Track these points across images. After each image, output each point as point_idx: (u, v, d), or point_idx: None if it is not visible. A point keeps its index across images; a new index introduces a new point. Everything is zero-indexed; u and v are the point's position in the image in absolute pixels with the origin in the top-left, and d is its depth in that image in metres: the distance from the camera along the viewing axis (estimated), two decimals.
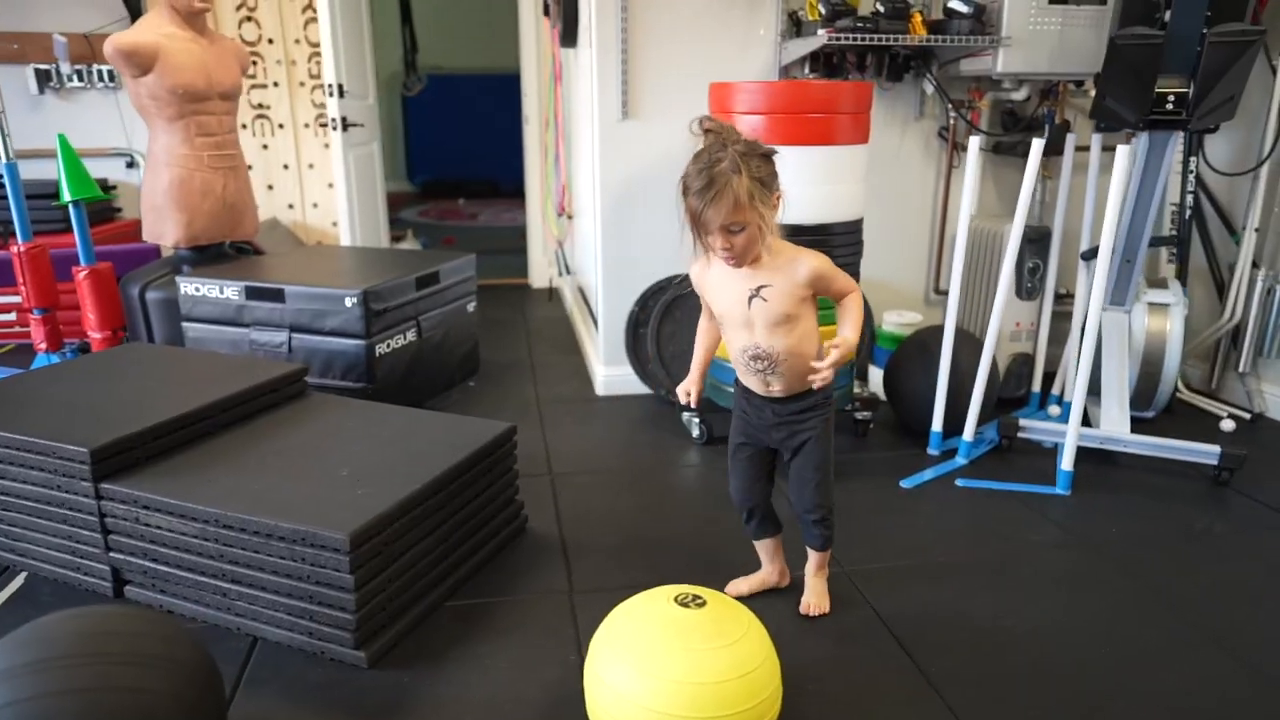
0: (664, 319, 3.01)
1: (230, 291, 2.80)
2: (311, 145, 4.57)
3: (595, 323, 3.29)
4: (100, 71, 4.26)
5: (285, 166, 4.55)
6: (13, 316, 3.85)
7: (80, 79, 4.26)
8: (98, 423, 1.87)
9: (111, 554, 1.82)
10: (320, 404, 2.25)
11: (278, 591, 1.65)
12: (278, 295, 2.74)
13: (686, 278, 2.95)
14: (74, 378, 2.20)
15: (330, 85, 3.79)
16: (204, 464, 1.86)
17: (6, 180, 3.03)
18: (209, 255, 3.33)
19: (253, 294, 2.77)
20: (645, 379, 3.10)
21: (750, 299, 1.61)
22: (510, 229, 6.66)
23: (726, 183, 1.46)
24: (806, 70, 2.92)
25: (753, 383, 1.70)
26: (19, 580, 1.94)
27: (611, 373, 3.16)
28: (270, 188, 4.58)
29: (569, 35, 3.37)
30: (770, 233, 1.54)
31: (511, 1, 4.78)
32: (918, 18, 2.71)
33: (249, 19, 4.35)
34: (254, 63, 4.39)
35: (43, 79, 4.23)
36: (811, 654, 1.68)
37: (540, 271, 5.02)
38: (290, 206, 4.64)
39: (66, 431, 1.82)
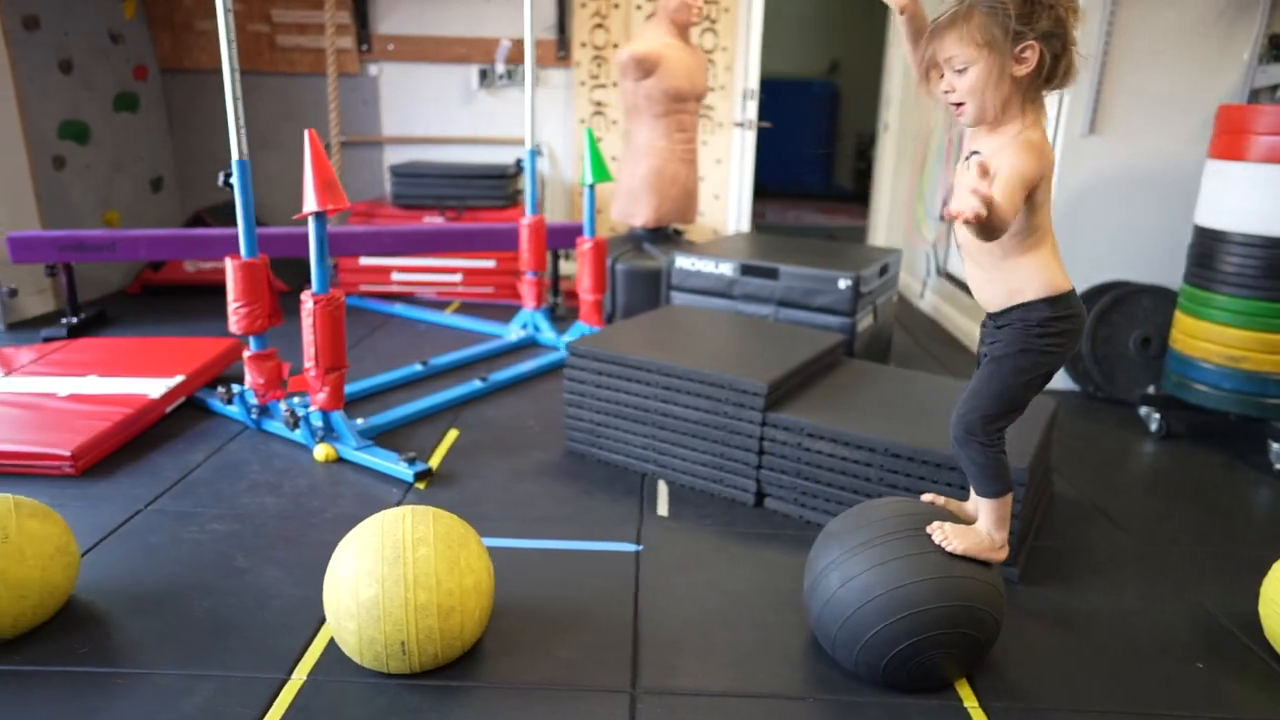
0: (1100, 322, 3.23)
1: (725, 268, 3.26)
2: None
3: None
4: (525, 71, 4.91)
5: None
6: (458, 278, 4.54)
7: (508, 78, 4.93)
8: (743, 366, 2.32)
9: (762, 471, 2.26)
10: (858, 368, 2.64)
11: None
12: (772, 273, 3.17)
13: (1123, 285, 3.19)
14: (657, 331, 2.70)
15: (748, 89, 4.23)
16: (828, 403, 2.27)
17: (527, 168, 3.62)
18: (659, 236, 3.85)
19: (747, 271, 3.22)
20: (1076, 377, 3.32)
21: (963, 164, 1.42)
22: (817, 229, 7.13)
23: (965, 11, 1.32)
24: (1278, 94, 3.06)
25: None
26: (663, 488, 2.42)
27: None
28: None
29: None
30: (1011, 92, 1.34)
31: (825, 9, 5.09)
32: None
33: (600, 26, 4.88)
34: None
35: (481, 77, 4.94)
36: None
37: None
38: None
39: (730, 370, 2.28)
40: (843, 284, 3.05)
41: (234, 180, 2.54)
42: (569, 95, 5.01)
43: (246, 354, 2.64)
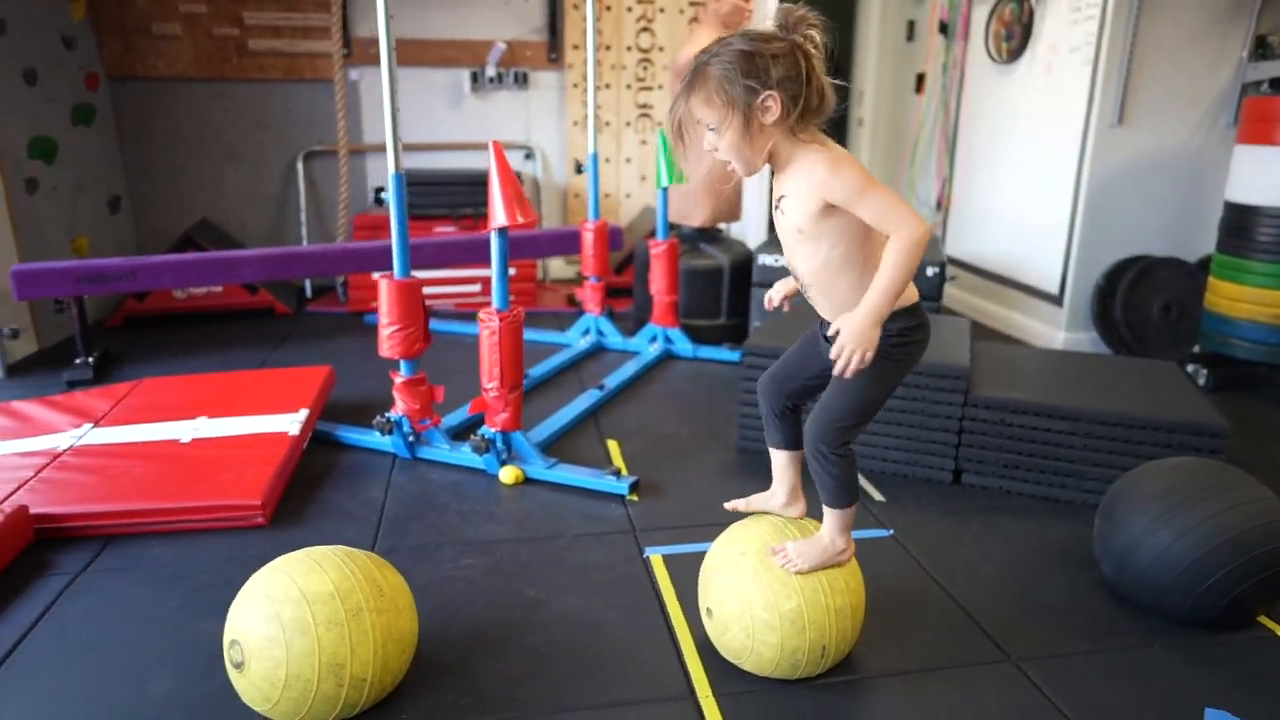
0: (1130, 292, 3.61)
1: None
2: (630, 141, 5.12)
3: (1060, 296, 3.81)
4: (516, 74, 4.82)
5: (606, 160, 5.12)
6: (477, 289, 4.40)
7: (498, 80, 4.81)
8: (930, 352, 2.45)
9: (961, 449, 2.40)
10: (994, 349, 2.84)
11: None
12: None
13: (1145, 258, 3.59)
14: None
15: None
16: (1010, 380, 2.45)
17: (589, 172, 3.58)
18: (708, 235, 3.92)
19: None
20: (1109, 342, 3.69)
21: (775, 211, 1.44)
22: None
23: (701, 74, 1.33)
24: (1265, 88, 3.54)
25: None
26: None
27: (1072, 336, 3.76)
28: (643, 178, 5.14)
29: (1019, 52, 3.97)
30: (775, 135, 1.34)
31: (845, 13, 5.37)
32: None
33: (645, 29, 4.92)
34: (643, 67, 4.97)
35: (473, 80, 4.78)
36: None
37: None
38: None
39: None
40: (930, 271, 3.25)
41: (386, 195, 2.38)
42: (561, 98, 4.96)
43: (398, 379, 2.49)
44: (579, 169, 3.62)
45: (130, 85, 4.47)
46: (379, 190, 2.45)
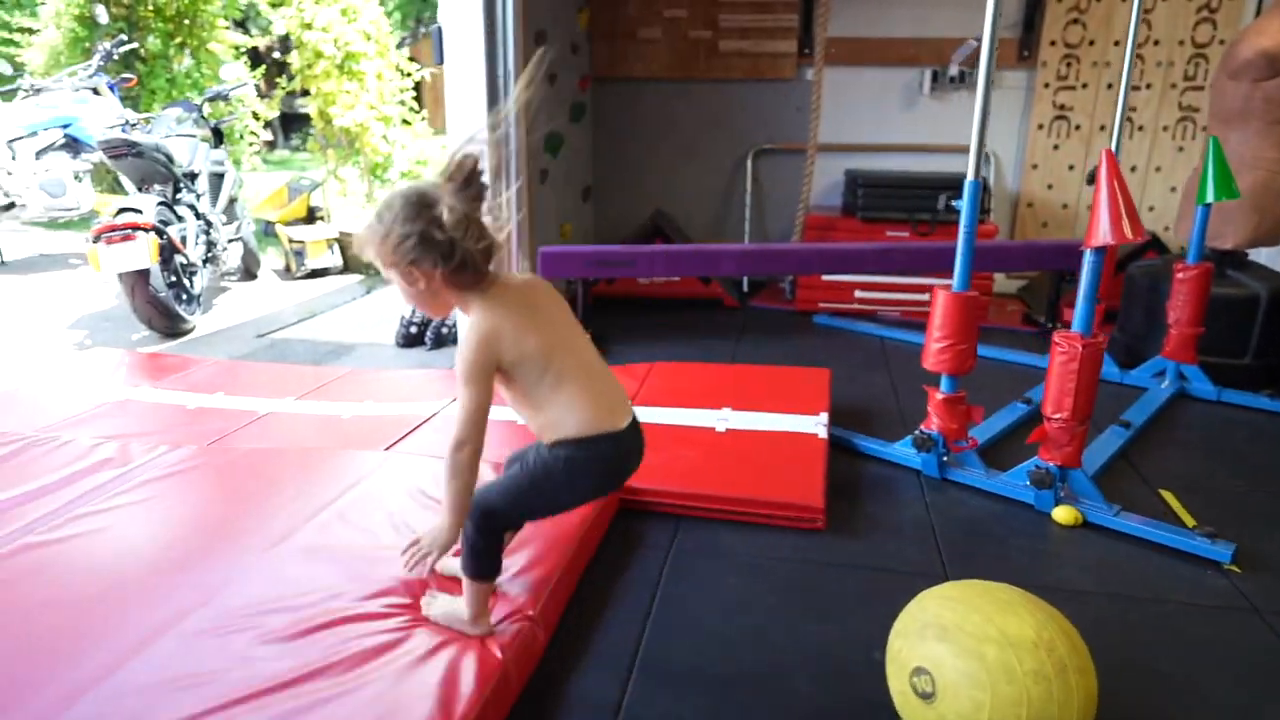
0: None
1: None
2: (1165, 149, 4.51)
3: None
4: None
5: (1133, 169, 4.55)
6: (926, 297, 4.21)
7: (960, 80, 4.55)
8: None
9: None
10: None
11: None
12: None
13: None
14: None
15: None
16: None
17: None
18: (1233, 259, 3.35)
19: None
20: None
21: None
22: None
23: (366, 232, 1.42)
24: None
25: None
26: None
27: None
28: (1172, 190, 4.56)
29: None
30: (441, 289, 1.41)
31: None
32: None
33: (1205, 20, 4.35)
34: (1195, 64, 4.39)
35: (932, 80, 4.58)
36: None
37: None
38: None
39: None
40: None
41: (957, 203, 2.26)
42: (1027, 99, 4.58)
43: (936, 395, 2.38)
44: (1090, 179, 3.26)
45: (609, 85, 4.88)
46: (948, 197, 2.32)
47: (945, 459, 2.40)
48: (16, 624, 1.59)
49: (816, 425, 2.52)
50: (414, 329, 3.85)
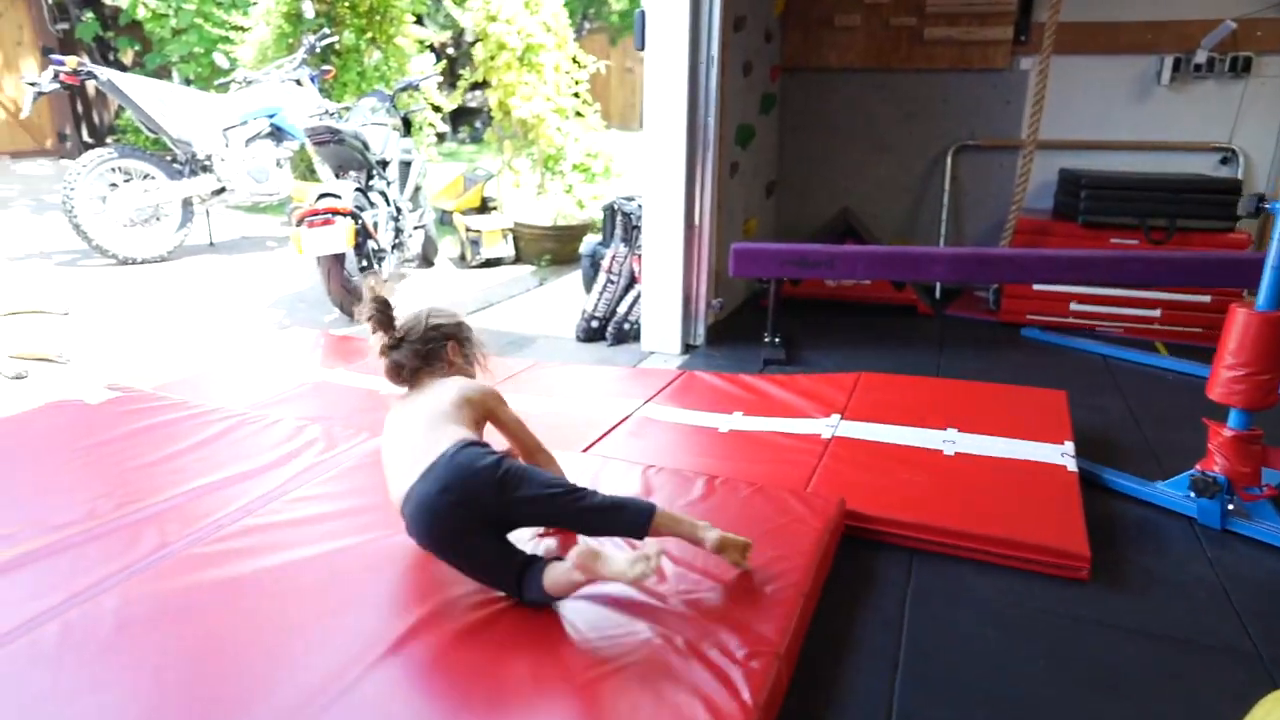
0: None
1: None
2: None
3: None
4: (1234, 60, 3.98)
5: None
6: (1156, 313, 3.74)
7: (1207, 69, 4.02)
8: None
9: None
10: None
11: None
12: None
13: None
14: None
15: None
16: None
17: None
18: None
19: None
20: None
21: None
22: None
23: None
24: None
25: None
26: None
27: None
28: None
29: None
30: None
31: None
32: None
33: None
34: None
35: (1173, 68, 4.08)
36: None
37: None
38: None
39: None
40: None
41: (1271, 206, 1.90)
42: None
43: (1225, 433, 2.02)
44: None
45: (799, 76, 4.63)
46: (1259, 198, 1.95)
47: (1231, 507, 2.04)
48: (255, 613, 1.56)
49: (1062, 456, 2.21)
50: (595, 323, 3.76)
